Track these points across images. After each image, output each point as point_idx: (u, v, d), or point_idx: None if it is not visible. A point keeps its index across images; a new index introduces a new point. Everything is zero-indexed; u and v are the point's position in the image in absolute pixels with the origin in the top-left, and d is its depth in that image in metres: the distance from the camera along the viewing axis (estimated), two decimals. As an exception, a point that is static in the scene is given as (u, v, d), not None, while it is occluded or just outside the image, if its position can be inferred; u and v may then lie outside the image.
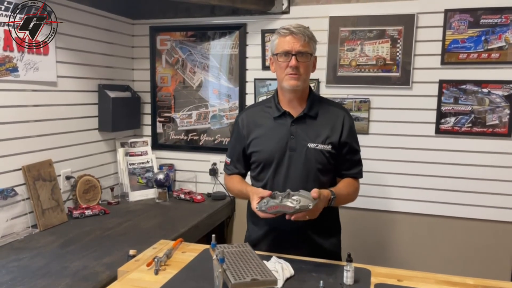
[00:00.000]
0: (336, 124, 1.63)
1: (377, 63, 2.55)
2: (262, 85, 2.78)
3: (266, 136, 1.64)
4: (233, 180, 1.74)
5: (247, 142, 1.68)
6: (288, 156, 1.61)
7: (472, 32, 2.38)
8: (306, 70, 1.57)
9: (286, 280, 1.37)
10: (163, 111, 3.06)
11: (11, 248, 1.91)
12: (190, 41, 2.94)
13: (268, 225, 1.67)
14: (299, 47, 1.53)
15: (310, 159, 1.59)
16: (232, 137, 1.79)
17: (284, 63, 1.56)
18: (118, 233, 2.14)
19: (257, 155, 1.66)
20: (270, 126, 1.65)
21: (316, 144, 1.59)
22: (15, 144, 2.13)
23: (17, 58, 2.10)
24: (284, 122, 1.63)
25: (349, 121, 1.66)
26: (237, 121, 1.75)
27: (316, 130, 1.61)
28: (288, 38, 1.54)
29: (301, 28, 1.56)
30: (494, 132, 2.41)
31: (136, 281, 1.39)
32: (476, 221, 2.50)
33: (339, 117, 1.64)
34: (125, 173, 2.81)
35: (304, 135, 1.61)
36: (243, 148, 1.71)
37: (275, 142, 1.62)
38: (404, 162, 2.58)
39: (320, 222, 1.61)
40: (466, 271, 2.44)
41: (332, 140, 1.60)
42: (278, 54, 1.57)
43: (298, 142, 1.60)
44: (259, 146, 1.65)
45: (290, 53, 1.54)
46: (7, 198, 2.03)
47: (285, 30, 1.56)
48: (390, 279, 1.40)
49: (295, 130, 1.61)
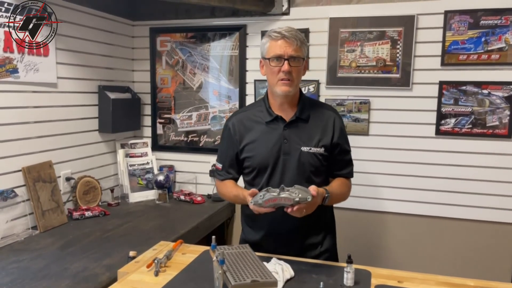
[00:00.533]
0: (327, 126, 1.64)
1: (377, 64, 2.55)
2: (262, 86, 2.78)
3: (259, 141, 1.63)
4: (227, 185, 1.72)
5: (240, 147, 1.67)
6: (282, 160, 1.61)
7: (472, 33, 2.38)
8: (298, 75, 1.58)
9: (286, 282, 1.37)
10: (163, 112, 3.06)
11: (11, 250, 1.91)
12: (190, 42, 2.94)
13: (264, 229, 1.67)
14: (291, 51, 1.52)
15: (304, 163, 1.59)
16: (223, 142, 1.75)
17: (276, 68, 1.54)
18: (118, 234, 2.14)
19: (251, 161, 1.65)
20: (263, 131, 1.64)
21: (310, 147, 1.60)
22: (15, 145, 2.13)
23: (17, 59, 2.10)
24: (277, 126, 1.62)
25: (340, 122, 1.67)
26: (227, 126, 1.72)
27: (308, 133, 1.62)
28: (280, 42, 1.53)
29: (293, 31, 1.55)
30: (494, 133, 2.41)
31: (136, 282, 1.39)
32: (477, 222, 2.50)
33: (330, 119, 1.65)
34: (125, 175, 2.81)
35: (297, 139, 1.61)
36: (236, 153, 1.69)
37: (268, 147, 1.61)
38: (404, 163, 2.57)
39: (315, 222, 1.63)
40: (467, 272, 2.43)
41: (324, 143, 1.61)
42: (270, 58, 1.55)
43: (291, 146, 1.60)
44: (252, 152, 1.64)
45: (282, 57, 1.53)
46: (7, 199, 2.03)
47: (276, 34, 1.54)
48: (391, 281, 1.40)
49: (288, 134, 1.61)
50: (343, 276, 1.36)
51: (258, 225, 1.69)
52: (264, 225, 1.66)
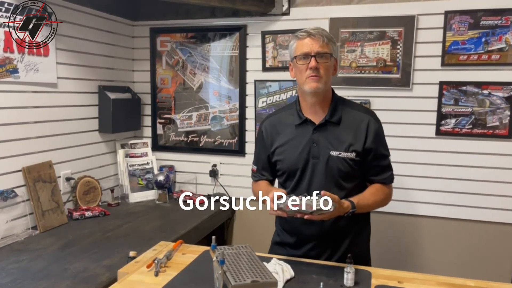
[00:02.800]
0: (359, 130, 1.57)
1: (378, 65, 2.55)
2: (262, 86, 2.78)
3: (288, 144, 1.62)
4: (259, 185, 1.72)
5: (271, 150, 1.67)
6: (312, 164, 1.57)
7: (473, 34, 2.38)
8: (326, 72, 1.53)
9: (286, 282, 1.37)
10: (163, 112, 3.06)
11: (11, 250, 1.91)
12: (190, 43, 2.94)
13: (297, 234, 1.64)
14: (318, 48, 1.50)
15: (332, 167, 1.55)
16: (257, 145, 1.78)
17: (303, 66, 1.52)
18: (118, 234, 2.14)
19: (280, 164, 1.64)
20: (292, 134, 1.62)
21: (339, 152, 1.55)
22: (15, 146, 2.13)
23: (17, 59, 2.10)
24: (306, 129, 1.60)
25: (375, 126, 1.59)
26: (261, 130, 1.73)
27: (338, 137, 1.56)
28: (307, 40, 1.52)
29: (319, 29, 1.54)
30: (494, 134, 2.41)
31: (136, 283, 1.39)
32: (477, 222, 2.50)
33: (363, 122, 1.58)
34: (125, 175, 2.81)
35: (326, 143, 1.56)
36: (267, 156, 1.69)
37: (298, 150, 1.59)
38: (404, 163, 2.57)
39: (348, 226, 1.60)
40: (467, 273, 2.43)
41: (355, 148, 1.55)
42: (297, 56, 1.53)
43: (320, 150, 1.57)
44: (282, 155, 1.63)
45: (309, 54, 1.50)
46: (7, 199, 2.03)
47: (303, 33, 1.53)
48: (391, 281, 1.40)
49: (317, 138, 1.57)
50: (343, 276, 1.36)
51: (290, 228, 1.66)
52: (296, 229, 1.64)
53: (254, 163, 1.78)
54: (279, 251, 1.69)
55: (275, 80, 2.74)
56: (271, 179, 1.74)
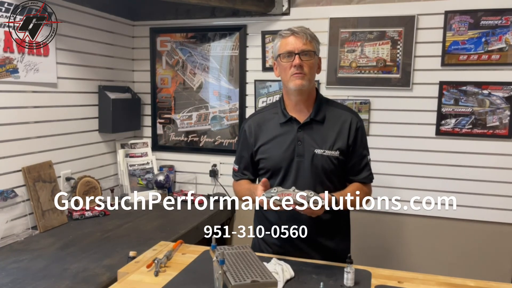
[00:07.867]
0: (343, 129, 1.59)
1: (378, 65, 2.55)
2: (262, 86, 2.78)
3: (273, 142, 1.63)
4: (241, 184, 1.73)
5: (254, 149, 1.67)
6: (296, 162, 1.58)
7: (473, 34, 2.38)
8: (310, 70, 1.54)
9: (286, 282, 1.37)
10: (163, 112, 3.06)
11: (11, 250, 1.91)
12: (190, 43, 2.94)
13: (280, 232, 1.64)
14: (301, 46, 1.52)
15: (317, 165, 1.57)
16: (239, 144, 1.76)
17: (287, 63, 1.54)
18: (118, 234, 2.14)
19: (264, 162, 1.65)
20: (277, 132, 1.63)
21: (323, 150, 1.57)
22: (15, 145, 2.13)
23: (18, 59, 2.10)
24: (291, 128, 1.61)
25: (357, 125, 1.61)
26: (243, 129, 1.72)
27: (323, 136, 1.58)
28: (290, 39, 1.53)
29: (302, 28, 1.56)
30: (494, 134, 2.41)
31: (136, 283, 1.39)
32: (477, 222, 2.50)
33: (346, 121, 1.60)
34: (125, 175, 2.81)
35: (311, 141, 1.58)
36: (250, 155, 1.69)
37: (282, 148, 1.60)
38: (404, 163, 2.57)
39: (331, 226, 1.62)
40: (467, 273, 2.43)
41: (340, 146, 1.57)
42: (281, 54, 1.55)
43: (305, 148, 1.58)
44: (266, 153, 1.63)
45: (293, 52, 1.52)
46: (7, 199, 2.03)
47: (286, 32, 1.55)
48: (391, 281, 1.40)
49: (302, 136, 1.59)
50: (343, 276, 1.36)
51: (273, 227, 1.66)
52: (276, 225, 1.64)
53: (236, 162, 1.77)
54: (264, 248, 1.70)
55: (275, 80, 2.74)
56: (253, 178, 1.74)
